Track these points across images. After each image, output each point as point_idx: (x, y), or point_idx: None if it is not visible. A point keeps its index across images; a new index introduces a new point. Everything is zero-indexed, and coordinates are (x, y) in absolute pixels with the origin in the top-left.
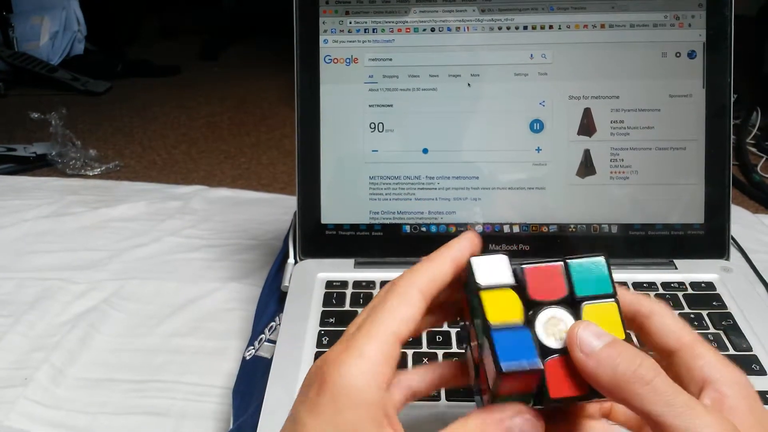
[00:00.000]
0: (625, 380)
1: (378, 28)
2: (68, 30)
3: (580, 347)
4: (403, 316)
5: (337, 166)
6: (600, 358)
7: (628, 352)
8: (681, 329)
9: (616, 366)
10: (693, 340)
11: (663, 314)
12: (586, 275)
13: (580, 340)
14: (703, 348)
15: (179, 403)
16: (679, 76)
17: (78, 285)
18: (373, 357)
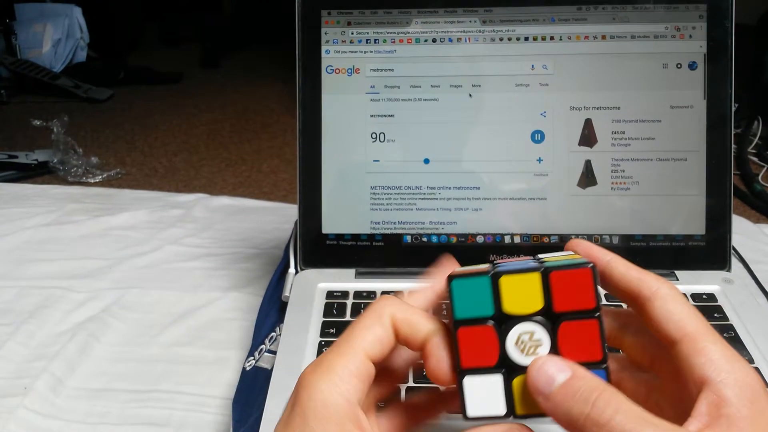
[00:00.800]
0: (581, 424)
1: (380, 38)
2: (71, 37)
3: (536, 390)
4: (373, 335)
5: (338, 175)
6: (555, 402)
7: (583, 391)
8: (686, 316)
9: (570, 409)
10: (697, 330)
11: (666, 297)
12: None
13: (535, 383)
14: (707, 341)
15: (179, 414)
16: (680, 87)
17: (78, 294)
18: (340, 372)
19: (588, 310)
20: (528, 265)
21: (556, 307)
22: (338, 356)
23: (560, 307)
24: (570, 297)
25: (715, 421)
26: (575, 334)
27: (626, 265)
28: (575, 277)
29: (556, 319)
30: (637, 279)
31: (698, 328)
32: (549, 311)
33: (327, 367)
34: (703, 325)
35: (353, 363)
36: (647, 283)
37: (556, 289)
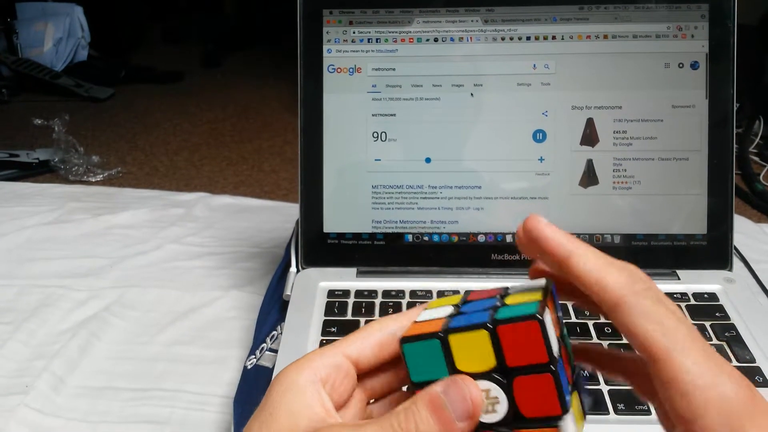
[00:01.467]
0: None
1: (381, 38)
2: (72, 36)
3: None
4: (354, 338)
5: (339, 175)
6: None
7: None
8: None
9: None
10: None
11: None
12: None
13: None
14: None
15: (180, 412)
16: (682, 86)
17: (79, 292)
18: (311, 358)
19: (541, 364)
20: (477, 320)
21: (509, 362)
22: (314, 352)
23: (513, 362)
24: (521, 351)
25: None
26: (531, 389)
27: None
28: (523, 331)
29: (510, 374)
30: (596, 285)
31: (667, 347)
32: (502, 367)
33: (299, 360)
34: (675, 339)
35: (328, 355)
36: (608, 289)
37: (506, 344)
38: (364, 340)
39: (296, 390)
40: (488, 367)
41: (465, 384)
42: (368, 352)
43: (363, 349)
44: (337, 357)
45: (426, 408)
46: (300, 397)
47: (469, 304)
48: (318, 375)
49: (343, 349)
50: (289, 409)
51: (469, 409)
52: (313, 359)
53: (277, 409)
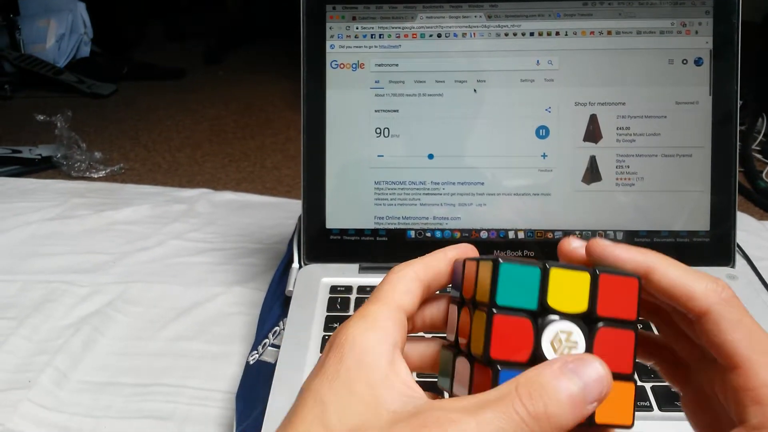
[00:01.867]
0: None
1: (384, 33)
2: (74, 33)
3: None
4: (402, 288)
5: (342, 170)
6: None
7: None
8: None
9: None
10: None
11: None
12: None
13: None
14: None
15: (183, 408)
16: (686, 83)
17: (82, 288)
18: (382, 321)
19: (629, 320)
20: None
21: (600, 310)
22: (372, 305)
23: (603, 312)
24: (614, 304)
25: None
26: (611, 343)
27: (668, 271)
28: (622, 285)
29: (596, 323)
30: (683, 294)
31: (751, 358)
32: (591, 314)
33: (362, 317)
34: (758, 350)
35: (391, 312)
36: (696, 299)
37: (603, 292)
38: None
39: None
40: (578, 311)
41: (597, 361)
42: (416, 305)
43: (413, 302)
44: (400, 313)
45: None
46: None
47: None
48: (393, 338)
49: (399, 302)
50: (369, 382)
51: (604, 388)
52: (384, 320)
53: (356, 382)
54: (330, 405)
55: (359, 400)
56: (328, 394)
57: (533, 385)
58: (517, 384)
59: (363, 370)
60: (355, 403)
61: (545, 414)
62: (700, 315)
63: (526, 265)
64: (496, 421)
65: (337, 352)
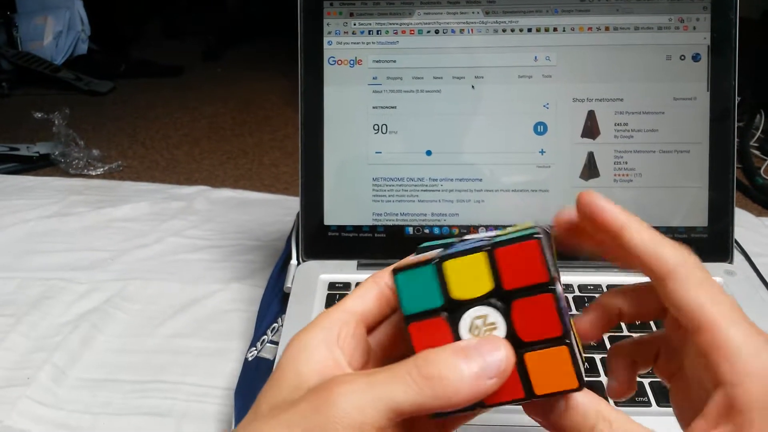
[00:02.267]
0: None
1: (382, 29)
2: (72, 30)
3: None
4: (354, 295)
5: (340, 167)
6: None
7: None
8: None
9: None
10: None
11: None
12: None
13: None
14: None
15: (181, 404)
16: (684, 79)
17: (80, 285)
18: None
19: (540, 284)
20: (473, 245)
21: (506, 285)
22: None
23: (510, 284)
24: (520, 273)
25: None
26: (530, 311)
27: (641, 232)
28: (522, 251)
29: (508, 297)
30: (652, 254)
31: (716, 316)
32: (500, 291)
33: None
34: (723, 310)
35: (334, 314)
36: (663, 259)
37: (503, 266)
38: (363, 295)
39: (307, 351)
40: (485, 292)
41: (498, 340)
42: (371, 305)
43: (365, 303)
44: (344, 314)
45: (453, 353)
46: (309, 357)
47: (461, 243)
48: (329, 333)
49: (346, 306)
50: (297, 369)
51: (500, 366)
52: (320, 320)
53: (287, 371)
54: (263, 395)
55: (287, 384)
56: (264, 388)
57: (429, 355)
58: (416, 357)
59: (295, 361)
60: (283, 388)
61: (438, 376)
62: (666, 275)
63: (419, 267)
64: (387, 381)
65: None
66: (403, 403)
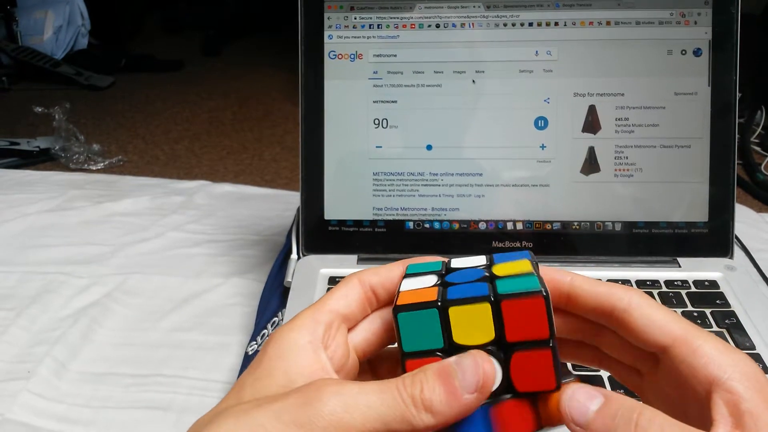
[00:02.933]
0: None
1: (383, 24)
2: (72, 24)
3: (573, 420)
4: (338, 294)
5: (340, 162)
6: (595, 429)
7: (623, 412)
8: (669, 321)
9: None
10: (686, 331)
11: (643, 306)
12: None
13: (570, 414)
14: (700, 340)
15: (181, 398)
16: (685, 73)
17: (81, 279)
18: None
19: (542, 339)
20: (477, 292)
21: (509, 337)
22: (303, 311)
23: (513, 337)
24: (522, 326)
25: (739, 420)
26: (528, 364)
27: (590, 281)
28: (528, 306)
29: (509, 349)
30: (606, 293)
31: (686, 330)
32: (501, 341)
33: (290, 321)
34: (689, 326)
35: (315, 313)
36: (618, 295)
37: (508, 318)
38: (347, 296)
39: (295, 350)
40: (486, 341)
41: (480, 357)
42: (354, 307)
43: (349, 304)
44: (329, 315)
45: (434, 375)
46: (297, 357)
47: (456, 274)
48: (315, 335)
49: (330, 306)
50: (286, 369)
51: (479, 381)
52: (306, 319)
53: (275, 369)
54: (247, 386)
55: (275, 383)
56: (248, 379)
57: (416, 374)
58: (404, 377)
59: (282, 360)
60: (271, 385)
61: (420, 395)
62: (626, 308)
63: (422, 310)
64: (378, 392)
65: (262, 349)
66: (390, 417)
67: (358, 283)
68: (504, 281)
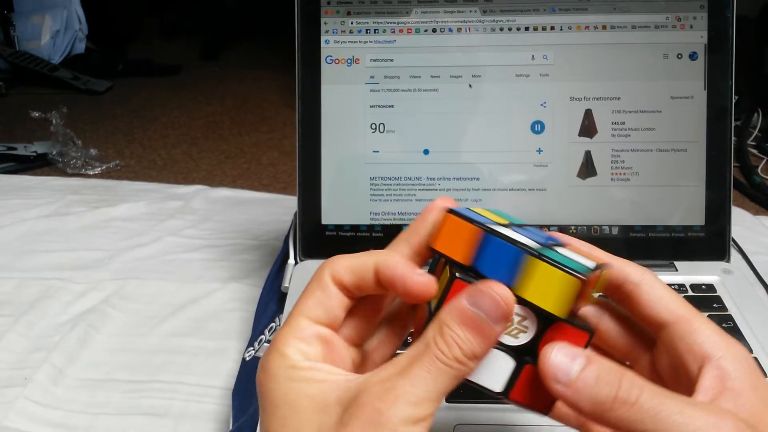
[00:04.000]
0: (608, 407)
1: (379, 28)
2: (69, 29)
3: (554, 378)
4: (313, 300)
5: (337, 166)
6: (577, 388)
7: (606, 372)
8: (674, 300)
9: (596, 394)
10: (688, 312)
11: (653, 284)
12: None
13: (552, 371)
14: (701, 321)
15: (179, 404)
16: (681, 77)
17: (78, 285)
18: (282, 344)
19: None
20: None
21: (564, 313)
22: (283, 328)
23: (568, 314)
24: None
25: (721, 393)
26: (563, 336)
27: (606, 254)
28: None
29: (556, 320)
30: (620, 267)
31: (689, 311)
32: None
33: (275, 343)
34: (692, 309)
35: (295, 329)
36: (631, 270)
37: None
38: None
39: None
40: (547, 308)
41: (490, 287)
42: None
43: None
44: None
45: (462, 326)
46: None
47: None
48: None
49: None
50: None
51: (504, 309)
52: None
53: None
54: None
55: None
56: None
57: (442, 327)
58: (432, 332)
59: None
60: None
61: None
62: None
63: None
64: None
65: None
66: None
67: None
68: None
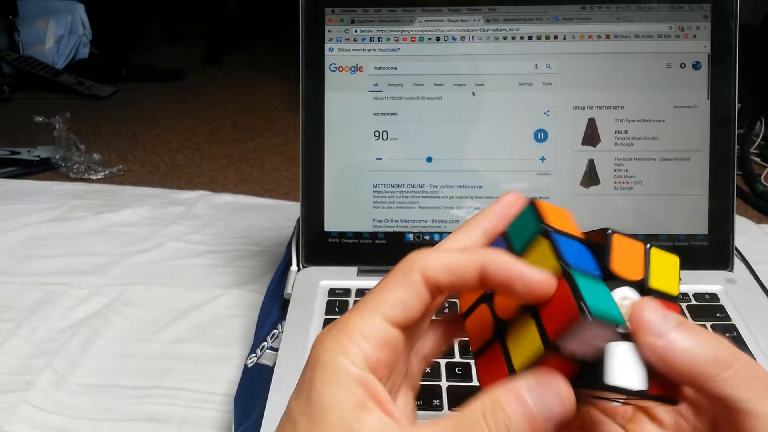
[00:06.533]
0: (705, 364)
1: (383, 36)
2: (73, 34)
3: (650, 329)
4: (395, 297)
5: (340, 173)
6: (673, 340)
7: (704, 333)
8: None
9: (695, 349)
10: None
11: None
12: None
13: (650, 321)
14: None
15: (181, 410)
16: (684, 86)
17: (80, 290)
18: (350, 333)
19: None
20: None
21: (651, 282)
22: (353, 316)
23: (654, 283)
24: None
25: None
26: None
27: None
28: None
29: (648, 293)
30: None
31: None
32: (644, 284)
33: (339, 329)
34: None
35: (367, 326)
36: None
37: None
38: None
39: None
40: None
41: (556, 382)
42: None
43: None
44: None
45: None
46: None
47: None
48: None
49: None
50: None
51: (566, 410)
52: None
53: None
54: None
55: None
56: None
57: (496, 407)
58: (483, 407)
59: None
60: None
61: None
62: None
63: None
64: None
65: (308, 371)
66: None
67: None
68: None
